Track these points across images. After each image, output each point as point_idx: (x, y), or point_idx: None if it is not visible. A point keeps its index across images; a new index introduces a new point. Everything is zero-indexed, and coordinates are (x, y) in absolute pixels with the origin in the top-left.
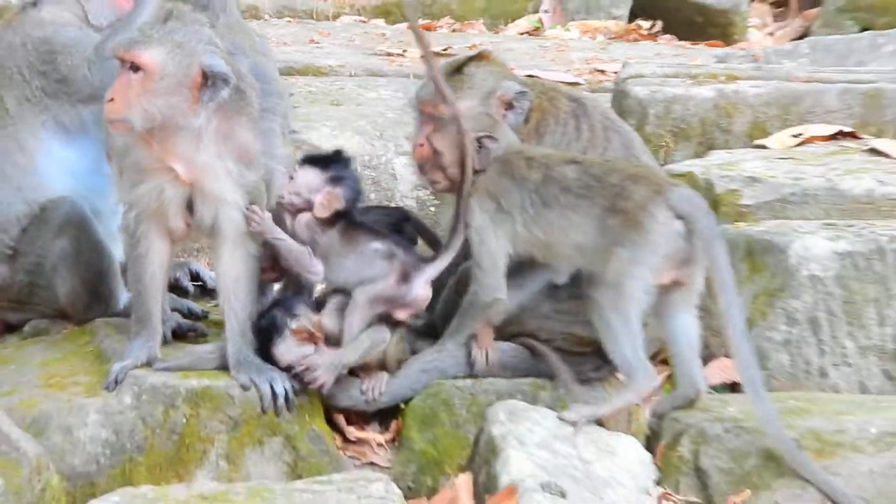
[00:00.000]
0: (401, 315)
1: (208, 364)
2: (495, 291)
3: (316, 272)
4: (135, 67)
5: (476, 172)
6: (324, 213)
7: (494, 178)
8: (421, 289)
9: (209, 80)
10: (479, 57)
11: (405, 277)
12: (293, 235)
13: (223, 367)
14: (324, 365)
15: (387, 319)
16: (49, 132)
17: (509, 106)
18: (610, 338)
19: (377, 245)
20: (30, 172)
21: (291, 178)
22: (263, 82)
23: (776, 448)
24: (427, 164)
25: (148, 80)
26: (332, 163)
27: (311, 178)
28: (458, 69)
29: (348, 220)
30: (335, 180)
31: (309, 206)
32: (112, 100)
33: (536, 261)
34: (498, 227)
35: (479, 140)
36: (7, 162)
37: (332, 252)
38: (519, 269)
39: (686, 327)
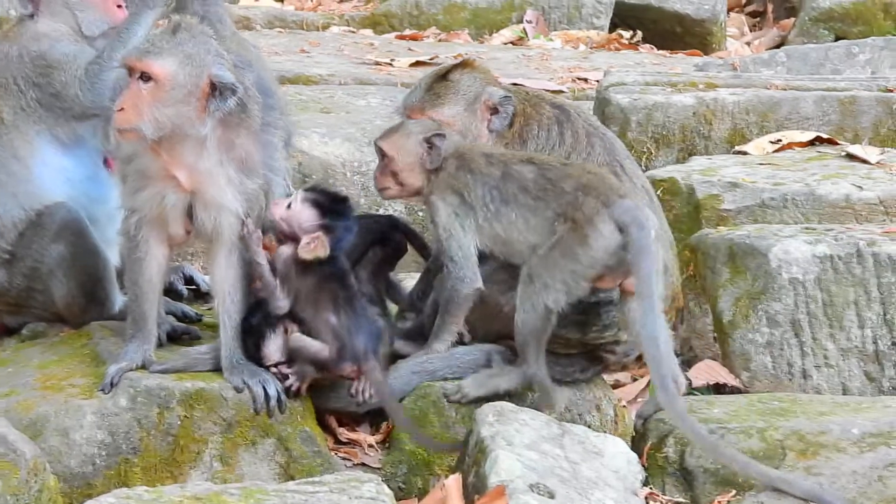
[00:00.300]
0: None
1: (203, 366)
2: (473, 283)
3: (279, 307)
4: (145, 77)
5: (432, 172)
6: (306, 256)
7: (454, 173)
8: (349, 370)
9: (217, 90)
10: (464, 64)
11: (341, 356)
12: (271, 262)
13: (217, 368)
14: (295, 373)
15: None
16: (44, 141)
17: (494, 111)
18: (520, 317)
19: (333, 320)
20: (25, 180)
21: (290, 205)
22: (266, 96)
23: (700, 443)
24: (378, 171)
25: (159, 89)
26: (334, 208)
27: (307, 215)
28: (443, 76)
29: (330, 269)
30: (329, 229)
31: (295, 240)
32: (122, 109)
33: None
34: (464, 219)
35: (428, 140)
36: (2, 170)
37: (300, 292)
38: (506, 267)
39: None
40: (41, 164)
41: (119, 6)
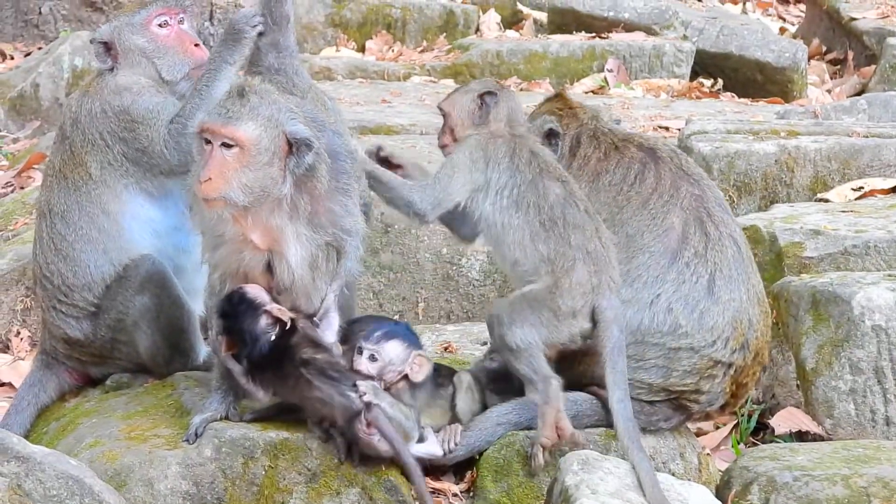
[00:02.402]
0: None
1: (290, 413)
2: (430, 207)
3: (259, 399)
4: (227, 145)
5: (481, 126)
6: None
7: (496, 142)
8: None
9: (293, 147)
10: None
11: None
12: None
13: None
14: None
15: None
16: (132, 195)
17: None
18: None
19: (317, 394)
20: (115, 235)
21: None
22: (339, 160)
23: None
24: (440, 131)
25: (245, 155)
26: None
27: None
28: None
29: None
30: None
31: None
32: (209, 179)
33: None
34: (468, 176)
35: (480, 95)
36: (93, 226)
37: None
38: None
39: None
40: (130, 217)
41: (196, 45)
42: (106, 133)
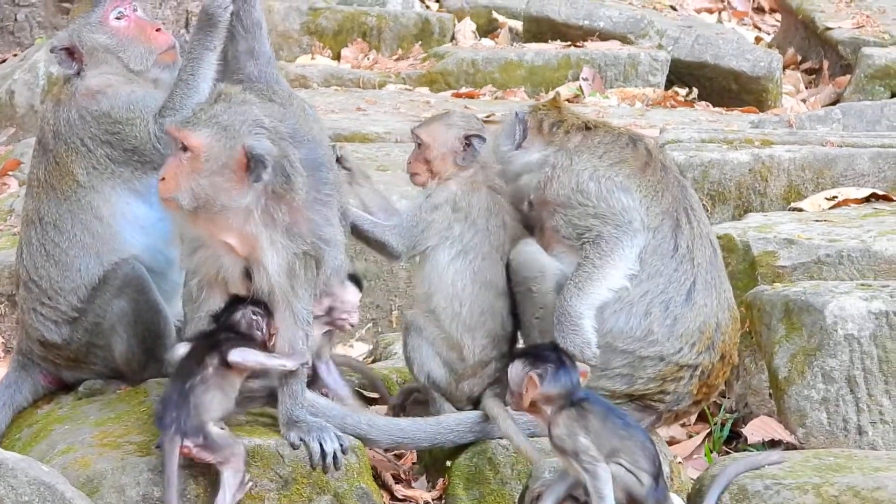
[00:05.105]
0: None
1: (257, 401)
2: (405, 249)
3: None
4: (184, 148)
5: (461, 168)
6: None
7: (481, 196)
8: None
9: (251, 161)
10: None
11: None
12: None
13: (270, 404)
14: None
15: None
16: (119, 195)
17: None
18: None
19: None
20: (108, 238)
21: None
22: (319, 170)
23: None
24: (412, 156)
25: (195, 161)
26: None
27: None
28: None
29: None
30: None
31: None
32: (164, 179)
33: None
34: (447, 224)
35: (467, 138)
36: (87, 233)
37: None
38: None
39: None
40: (120, 217)
41: (158, 29)
42: (87, 138)
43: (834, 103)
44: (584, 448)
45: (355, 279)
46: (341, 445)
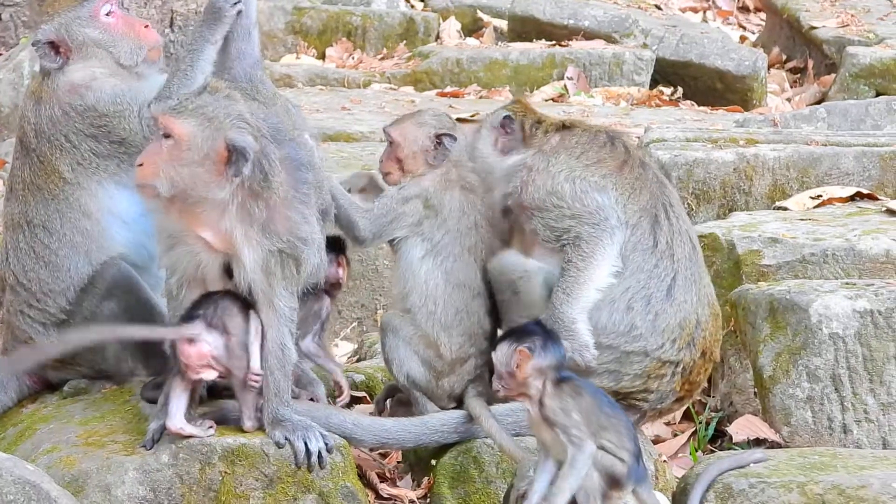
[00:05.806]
0: None
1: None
2: (371, 236)
3: None
4: (167, 135)
5: (433, 166)
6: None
7: (453, 195)
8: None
9: (232, 155)
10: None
11: None
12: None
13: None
14: None
15: None
16: (105, 189)
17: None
18: None
19: None
20: (96, 235)
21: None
22: (300, 170)
23: None
24: (384, 155)
25: (177, 149)
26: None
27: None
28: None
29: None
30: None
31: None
32: (142, 164)
33: None
34: (417, 218)
35: (438, 136)
36: (76, 231)
37: None
38: None
39: None
40: (107, 214)
41: (146, 26)
42: (72, 134)
43: (818, 102)
44: (575, 423)
45: (338, 243)
46: (326, 444)
